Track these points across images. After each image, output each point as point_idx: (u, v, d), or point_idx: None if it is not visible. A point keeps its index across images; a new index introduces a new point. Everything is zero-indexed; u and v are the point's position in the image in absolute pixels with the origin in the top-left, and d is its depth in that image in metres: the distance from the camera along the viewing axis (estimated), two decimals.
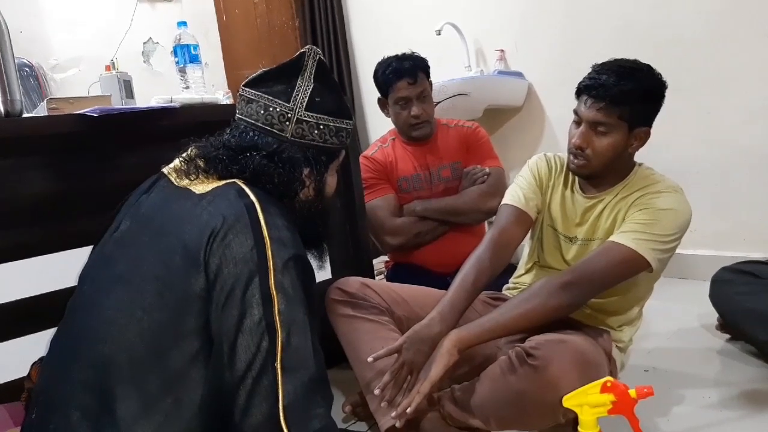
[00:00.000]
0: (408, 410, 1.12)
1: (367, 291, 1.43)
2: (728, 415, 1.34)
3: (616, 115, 1.23)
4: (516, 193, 1.43)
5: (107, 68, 1.76)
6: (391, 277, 2.05)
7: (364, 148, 2.22)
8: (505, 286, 1.56)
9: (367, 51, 3.56)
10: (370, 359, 1.21)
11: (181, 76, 1.64)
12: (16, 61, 1.27)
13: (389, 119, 2.03)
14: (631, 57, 1.30)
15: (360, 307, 1.40)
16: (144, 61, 3.29)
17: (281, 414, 0.79)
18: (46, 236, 1.34)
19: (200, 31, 3.26)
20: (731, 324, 1.68)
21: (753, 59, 2.12)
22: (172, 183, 0.98)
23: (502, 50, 2.84)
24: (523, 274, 1.53)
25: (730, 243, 2.26)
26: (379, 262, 2.26)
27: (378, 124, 3.48)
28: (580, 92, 1.29)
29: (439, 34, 2.81)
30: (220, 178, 0.95)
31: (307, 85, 1.00)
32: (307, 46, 1.03)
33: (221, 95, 1.76)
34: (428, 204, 1.95)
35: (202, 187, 0.93)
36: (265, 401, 0.79)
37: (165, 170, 1.03)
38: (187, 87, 1.63)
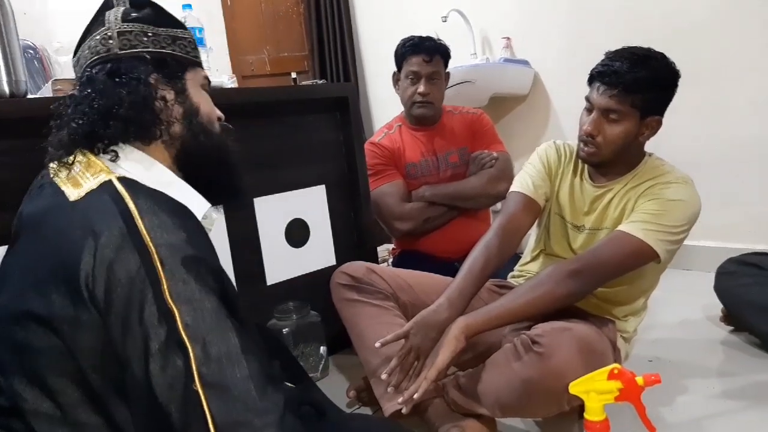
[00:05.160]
0: (415, 396, 1.12)
1: (372, 276, 1.43)
2: (731, 405, 1.34)
3: (629, 102, 1.22)
4: (525, 181, 1.42)
5: None
6: (397, 264, 2.05)
7: (369, 136, 2.21)
8: (510, 274, 1.56)
9: (373, 38, 3.54)
10: (377, 345, 1.20)
11: None
12: (20, 43, 1.26)
13: (395, 107, 2.01)
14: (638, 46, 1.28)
15: (365, 292, 1.41)
16: None
17: None
18: None
19: (205, 15, 3.22)
20: (735, 315, 1.68)
21: (762, 50, 2.10)
22: (50, 180, 0.86)
23: (508, 38, 2.82)
24: (529, 262, 1.52)
25: (736, 235, 2.26)
26: (383, 250, 2.26)
27: (383, 112, 3.46)
28: (592, 79, 1.28)
29: (445, 21, 2.79)
30: (90, 153, 0.85)
31: (119, 7, 0.93)
32: None
33: (226, 79, 1.75)
34: (437, 189, 1.94)
35: (74, 189, 0.82)
36: (197, 426, 0.69)
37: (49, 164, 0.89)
38: None
